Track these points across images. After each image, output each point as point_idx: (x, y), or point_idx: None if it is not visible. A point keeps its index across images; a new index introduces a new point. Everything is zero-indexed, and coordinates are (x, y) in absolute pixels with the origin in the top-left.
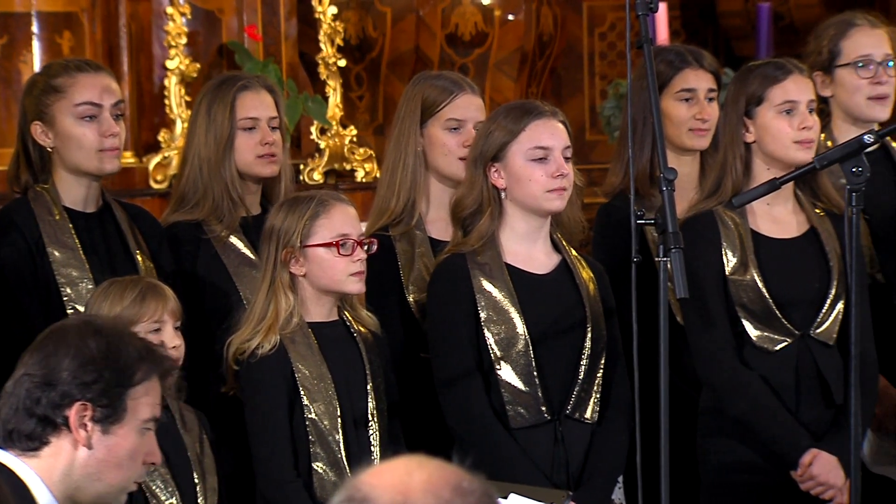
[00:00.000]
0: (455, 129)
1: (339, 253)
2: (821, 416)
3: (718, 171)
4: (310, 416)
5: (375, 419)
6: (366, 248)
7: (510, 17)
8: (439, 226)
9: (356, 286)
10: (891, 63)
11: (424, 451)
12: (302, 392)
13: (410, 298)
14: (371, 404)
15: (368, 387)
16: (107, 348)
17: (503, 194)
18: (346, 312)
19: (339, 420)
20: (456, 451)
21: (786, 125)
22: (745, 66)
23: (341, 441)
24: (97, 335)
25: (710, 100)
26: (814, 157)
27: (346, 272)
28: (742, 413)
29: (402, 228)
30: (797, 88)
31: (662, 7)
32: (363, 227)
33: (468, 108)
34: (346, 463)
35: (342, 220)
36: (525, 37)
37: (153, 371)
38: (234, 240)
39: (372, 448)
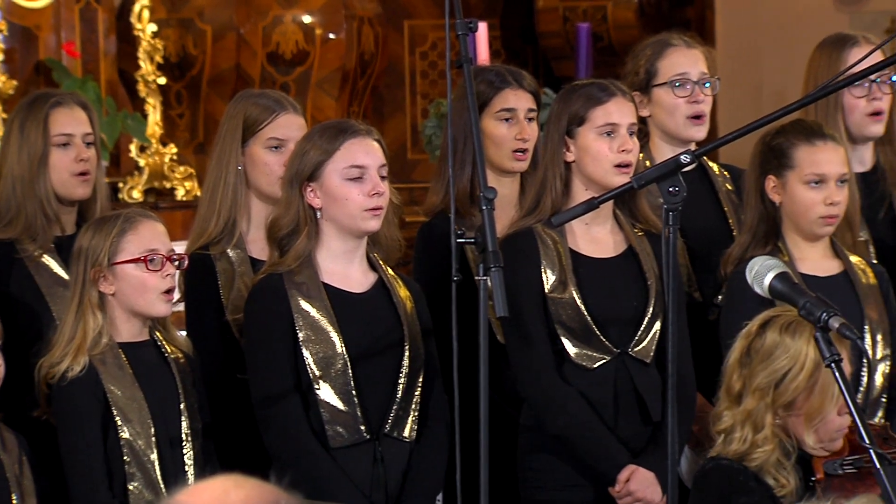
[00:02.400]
0: (276, 148)
1: (147, 268)
2: (638, 432)
3: (538, 189)
4: (124, 436)
5: (190, 439)
6: (175, 263)
7: (331, 35)
8: (260, 245)
9: (163, 308)
10: (707, 83)
11: (242, 471)
12: (115, 413)
13: (230, 318)
14: (185, 424)
15: (182, 406)
16: None
17: (319, 214)
18: (157, 332)
19: (154, 440)
20: (274, 470)
21: (605, 147)
22: (568, 86)
23: (156, 461)
24: None
25: (530, 120)
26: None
27: (155, 289)
28: (561, 430)
29: (223, 247)
30: (619, 111)
31: (483, 27)
32: (177, 245)
33: (290, 127)
34: (161, 483)
35: (150, 235)
36: (346, 55)
37: None
38: (47, 259)
39: (187, 468)
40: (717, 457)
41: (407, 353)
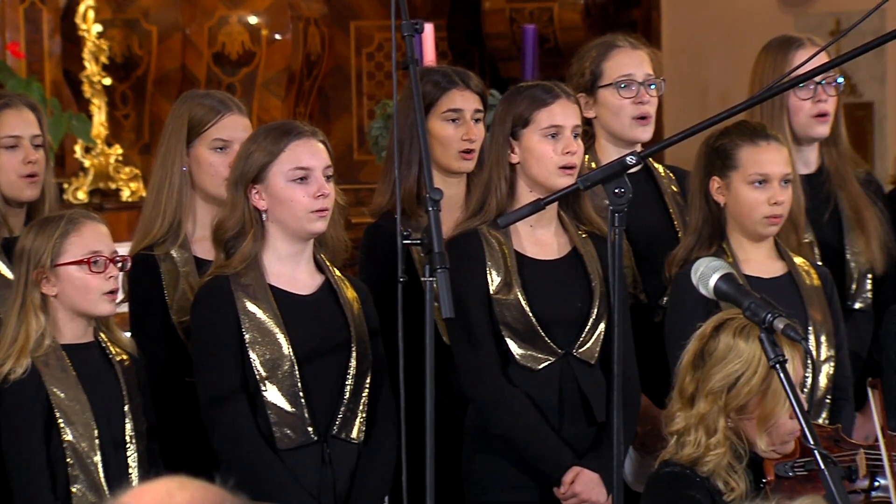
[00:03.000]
0: (221, 149)
1: (90, 270)
2: (583, 433)
3: (483, 191)
4: (67, 438)
5: (134, 441)
6: (118, 265)
7: (277, 36)
8: (205, 246)
9: (107, 307)
10: (653, 85)
11: (187, 472)
12: (58, 415)
13: (175, 319)
14: (129, 426)
15: (126, 408)
16: None
17: (265, 216)
18: (101, 334)
19: (98, 442)
20: (220, 472)
21: (550, 149)
22: (514, 87)
23: (100, 463)
24: None
25: (477, 121)
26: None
27: (98, 290)
28: (506, 430)
29: (167, 248)
30: (563, 113)
31: (429, 28)
32: (122, 246)
33: (235, 128)
34: (104, 485)
35: (93, 237)
36: (293, 56)
37: None
38: None
39: (130, 470)
40: (668, 461)
41: (354, 355)
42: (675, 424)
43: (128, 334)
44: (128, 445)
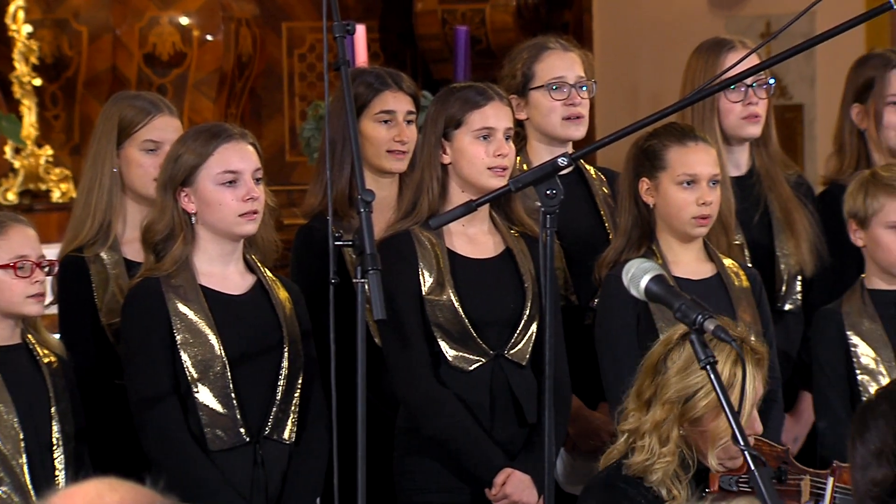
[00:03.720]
0: (152, 150)
1: (16, 275)
2: (514, 435)
3: (415, 192)
4: None
5: (61, 444)
6: (45, 269)
7: (209, 37)
8: (135, 247)
9: (35, 308)
10: (584, 87)
11: (117, 475)
12: None
13: (104, 321)
14: (56, 428)
15: (53, 411)
16: None
17: (194, 219)
18: (29, 336)
19: (23, 444)
20: (150, 474)
21: (482, 151)
22: (446, 88)
23: (25, 465)
24: None
25: (409, 122)
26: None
27: (23, 294)
28: (438, 432)
29: (97, 250)
30: (496, 115)
31: (361, 29)
32: (52, 247)
33: (165, 129)
34: (30, 488)
35: (20, 241)
36: (224, 57)
37: None
38: None
39: (58, 472)
40: (614, 466)
41: (286, 356)
42: (627, 423)
43: (57, 336)
44: (55, 448)
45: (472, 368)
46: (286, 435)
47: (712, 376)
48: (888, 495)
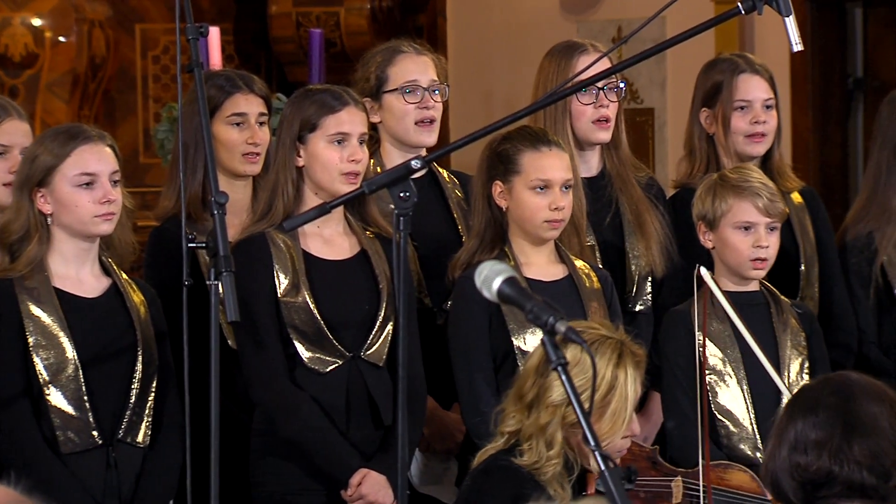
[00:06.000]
0: (1, 154)
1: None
2: (371, 436)
3: (269, 194)
4: None
5: None
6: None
7: (62, 39)
8: None
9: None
10: (437, 90)
11: None
12: None
13: None
14: None
15: None
16: None
17: (49, 220)
18: None
19: None
20: (7, 477)
21: (336, 156)
22: (302, 90)
23: None
24: None
25: (261, 124)
26: (363, 182)
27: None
28: (293, 434)
29: None
30: (351, 120)
31: (215, 32)
32: None
33: (14, 133)
34: None
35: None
36: (77, 59)
37: None
38: None
39: None
40: (503, 451)
41: (140, 358)
42: (508, 425)
43: None
44: None
45: (327, 370)
46: (140, 438)
47: (564, 378)
48: (811, 485)
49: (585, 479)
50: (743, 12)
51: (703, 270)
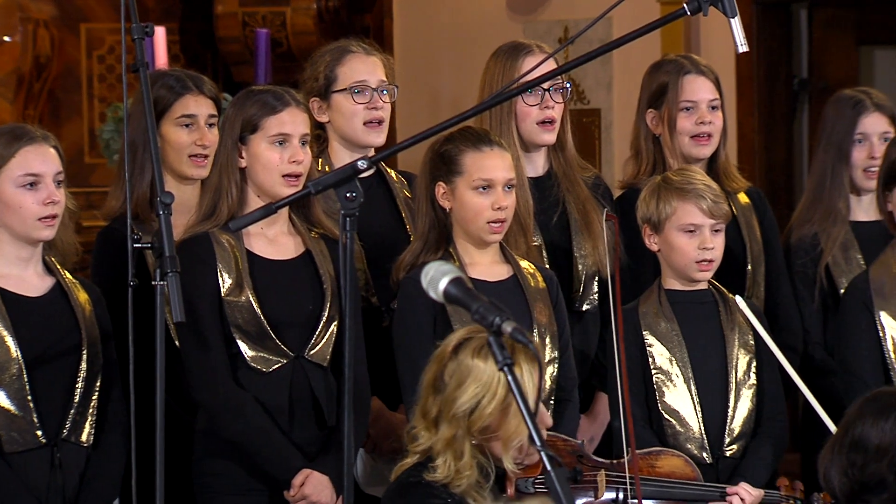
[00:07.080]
0: None
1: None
2: (314, 437)
3: (214, 195)
4: None
5: None
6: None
7: (6, 38)
8: None
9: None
10: (386, 90)
11: None
12: None
13: None
14: None
15: None
16: None
17: None
18: None
19: None
20: None
21: (276, 157)
22: (244, 91)
23: None
24: None
25: (211, 126)
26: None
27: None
28: (236, 434)
29: None
30: (292, 121)
31: (161, 31)
32: None
33: None
34: None
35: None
36: (21, 58)
37: None
38: None
39: None
40: (416, 466)
41: (85, 358)
42: (419, 444)
43: None
44: None
45: (271, 369)
46: (84, 437)
47: (510, 378)
48: (861, 486)
49: (504, 482)
50: (689, 13)
51: (739, 299)
